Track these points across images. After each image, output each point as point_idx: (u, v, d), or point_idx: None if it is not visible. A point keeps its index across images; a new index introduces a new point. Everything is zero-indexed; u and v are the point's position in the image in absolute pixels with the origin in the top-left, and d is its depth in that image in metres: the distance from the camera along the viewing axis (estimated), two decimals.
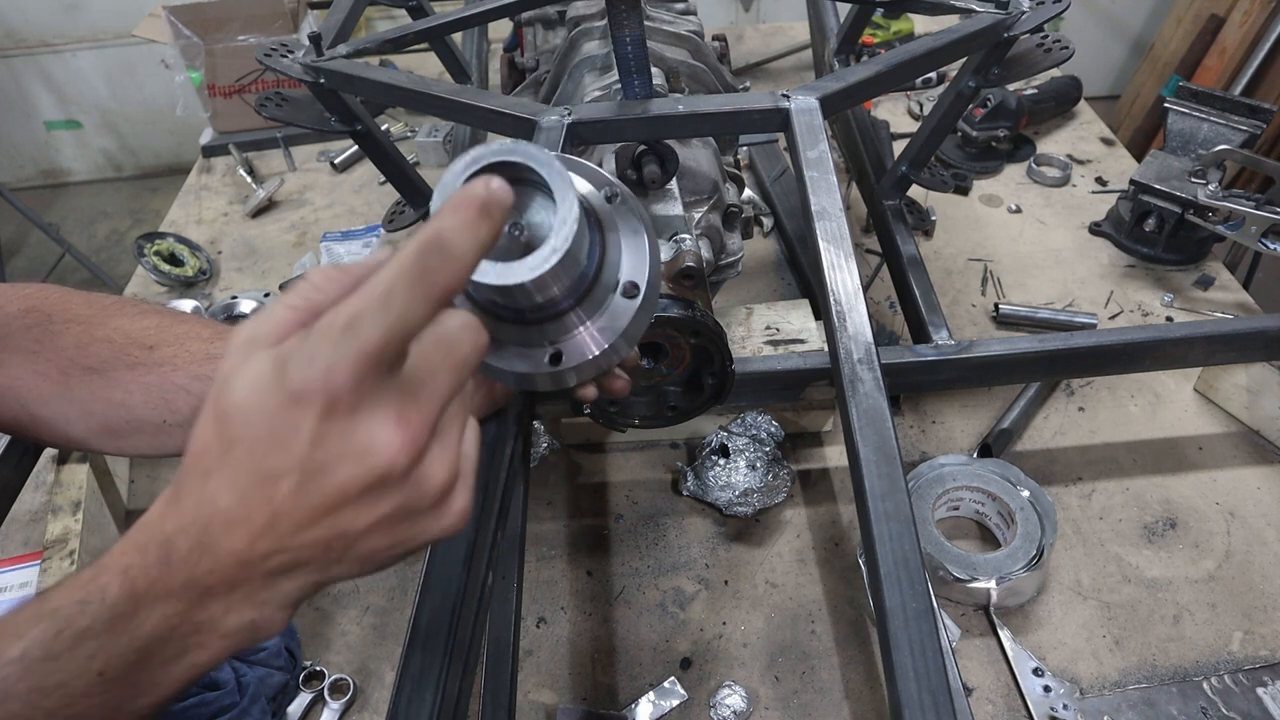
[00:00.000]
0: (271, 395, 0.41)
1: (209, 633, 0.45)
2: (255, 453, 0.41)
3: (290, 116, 1.18)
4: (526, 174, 0.51)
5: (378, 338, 0.41)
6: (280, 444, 0.41)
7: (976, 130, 1.67)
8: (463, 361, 0.45)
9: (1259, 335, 1.04)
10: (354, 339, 0.40)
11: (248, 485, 0.42)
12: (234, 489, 0.42)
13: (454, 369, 0.45)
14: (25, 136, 4.15)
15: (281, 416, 0.41)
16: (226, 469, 0.42)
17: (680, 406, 0.88)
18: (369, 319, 0.41)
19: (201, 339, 0.77)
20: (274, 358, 0.41)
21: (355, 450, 0.42)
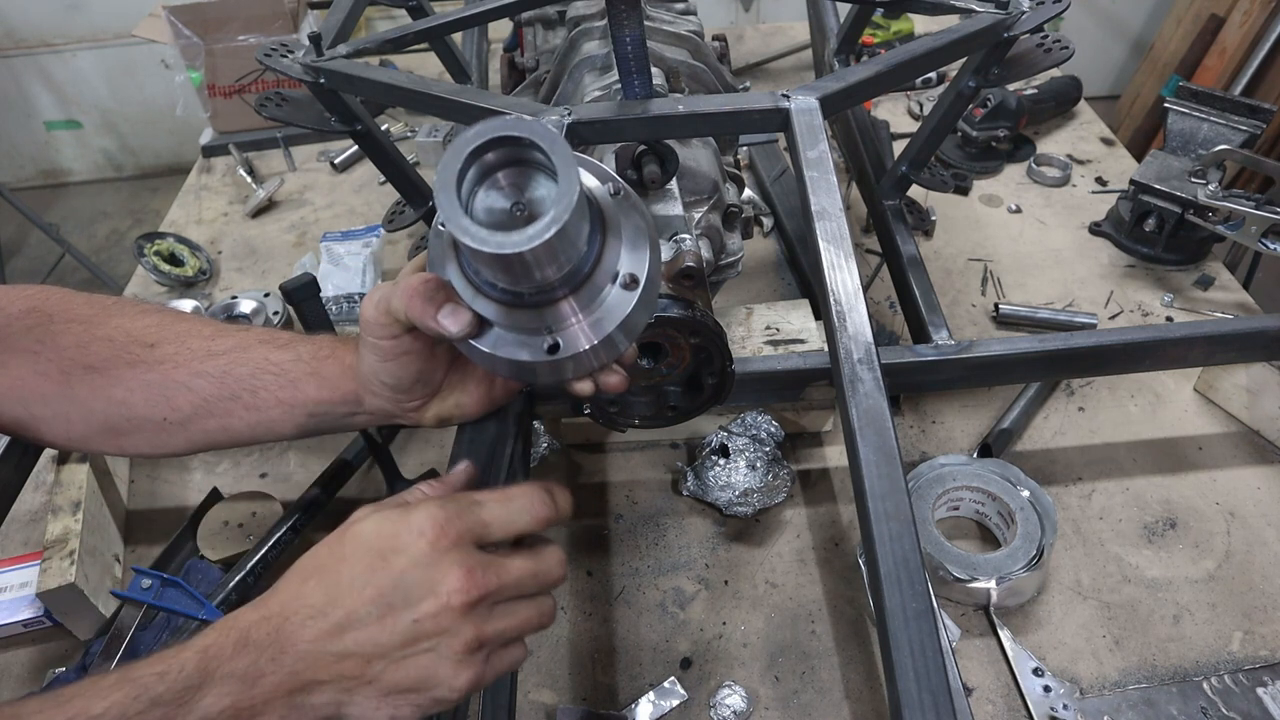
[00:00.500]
0: (395, 524, 0.56)
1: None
2: (360, 565, 0.54)
3: (290, 116, 1.18)
4: (531, 152, 0.51)
5: (494, 521, 0.59)
6: (383, 556, 0.55)
7: (976, 130, 1.67)
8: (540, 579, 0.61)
9: (1259, 335, 1.04)
10: (476, 512, 0.58)
11: (339, 592, 0.54)
12: (328, 593, 0.54)
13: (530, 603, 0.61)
14: (25, 136, 4.15)
15: (399, 539, 0.55)
16: (329, 578, 0.55)
17: (680, 406, 0.88)
18: (492, 507, 0.59)
19: (202, 337, 0.77)
20: (404, 511, 0.56)
21: (432, 580, 0.54)
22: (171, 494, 1.18)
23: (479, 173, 0.52)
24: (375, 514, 0.58)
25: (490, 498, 0.59)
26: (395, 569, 0.54)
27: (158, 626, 0.95)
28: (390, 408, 0.73)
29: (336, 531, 0.58)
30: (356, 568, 0.54)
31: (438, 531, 0.55)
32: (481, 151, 0.50)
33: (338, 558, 0.56)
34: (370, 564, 0.54)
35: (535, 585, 0.61)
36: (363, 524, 0.57)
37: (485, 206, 0.53)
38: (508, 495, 0.60)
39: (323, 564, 0.56)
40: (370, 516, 0.57)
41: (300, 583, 0.55)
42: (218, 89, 1.94)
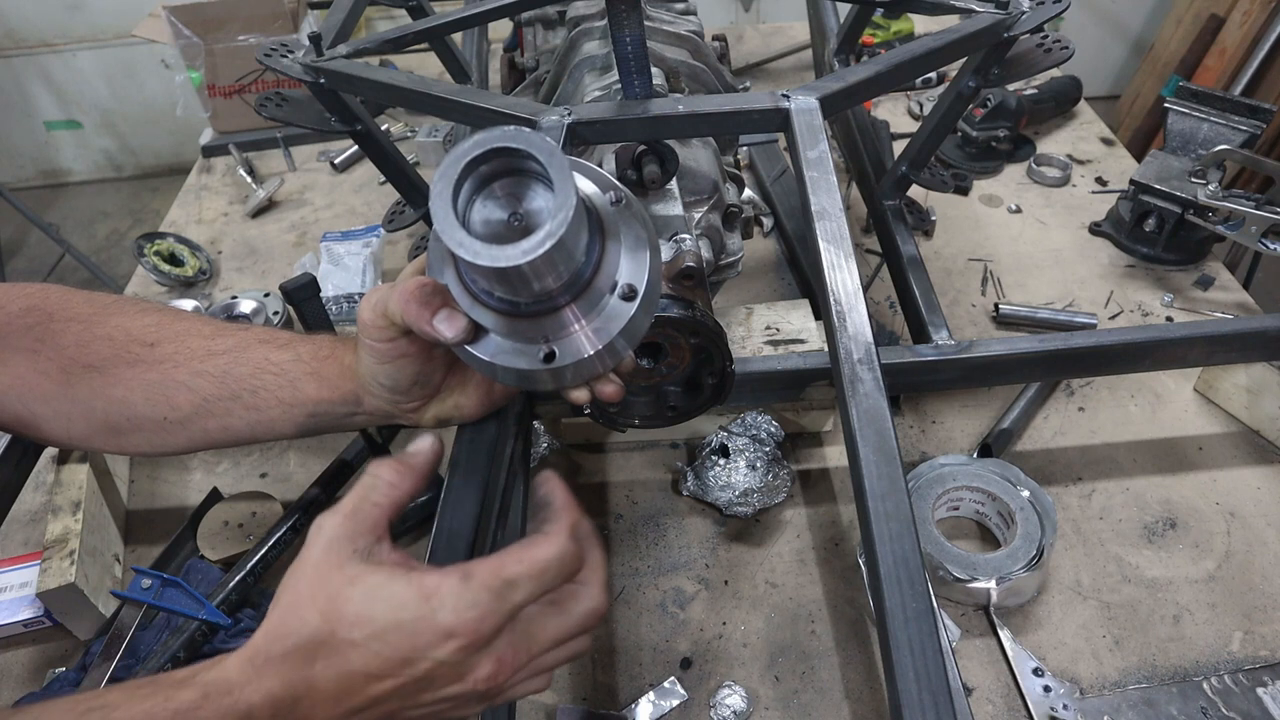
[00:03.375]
0: (419, 622, 0.50)
1: None
2: (378, 659, 0.50)
3: (290, 116, 1.17)
4: (527, 162, 0.51)
5: (526, 601, 0.53)
6: (409, 658, 0.50)
7: (976, 130, 1.67)
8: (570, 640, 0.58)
9: (1259, 335, 1.04)
10: (510, 599, 0.52)
11: (358, 679, 0.50)
12: (341, 677, 0.50)
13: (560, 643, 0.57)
14: (25, 136, 4.16)
15: (423, 641, 0.50)
16: (341, 660, 0.50)
17: (680, 406, 0.88)
18: (525, 586, 0.52)
19: (202, 336, 0.77)
20: (420, 592, 0.50)
21: (460, 674, 0.52)
22: (171, 494, 1.18)
23: (476, 183, 0.52)
24: (376, 586, 0.51)
25: (523, 574, 0.52)
26: (420, 670, 0.50)
27: (158, 626, 0.95)
28: (389, 408, 0.73)
29: (323, 597, 0.51)
30: (373, 663, 0.50)
31: (471, 636, 0.50)
32: (478, 163, 0.50)
33: (345, 643, 0.50)
34: (389, 663, 0.50)
35: (570, 637, 0.58)
36: (368, 606, 0.50)
37: (483, 218, 0.53)
38: (541, 569, 0.53)
39: (326, 641, 0.50)
40: (372, 593, 0.50)
41: (305, 664, 0.50)
42: (218, 89, 1.94)
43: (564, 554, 0.54)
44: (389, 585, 0.51)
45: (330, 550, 0.52)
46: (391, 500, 0.56)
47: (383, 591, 0.50)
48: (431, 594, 0.50)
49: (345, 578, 0.51)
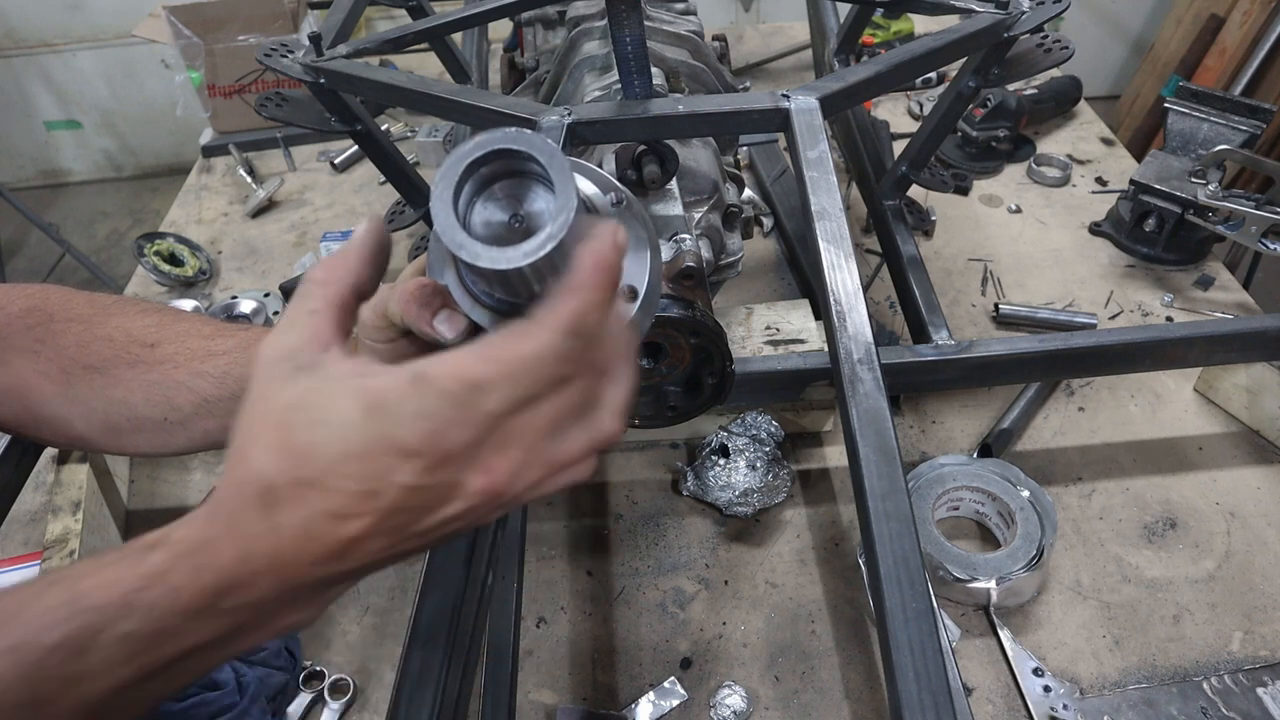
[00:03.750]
0: (370, 443, 0.40)
1: (254, 634, 0.45)
2: (338, 495, 0.41)
3: (290, 116, 1.18)
4: (528, 164, 0.51)
5: (502, 411, 0.41)
6: (371, 489, 0.41)
7: (976, 130, 1.67)
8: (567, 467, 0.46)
9: (1259, 335, 1.04)
10: (478, 406, 0.41)
11: (325, 523, 0.41)
12: (307, 524, 0.41)
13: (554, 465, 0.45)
14: (25, 136, 4.15)
15: (380, 465, 0.40)
16: (300, 504, 0.41)
17: (680, 406, 0.88)
18: (497, 392, 0.41)
19: (202, 336, 0.77)
20: (365, 404, 0.41)
21: (443, 495, 0.42)
22: (171, 494, 1.18)
23: (477, 185, 0.52)
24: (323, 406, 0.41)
25: (492, 377, 0.41)
26: (388, 501, 0.41)
27: None
28: None
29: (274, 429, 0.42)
30: (335, 500, 0.41)
31: (433, 452, 0.41)
32: (479, 164, 0.50)
33: (298, 483, 0.41)
34: (352, 497, 0.41)
35: (575, 460, 0.46)
36: (313, 433, 0.41)
37: (483, 219, 0.53)
38: (515, 371, 0.41)
39: (280, 485, 0.41)
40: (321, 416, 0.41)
41: (265, 511, 0.41)
42: (218, 89, 1.94)
43: (547, 352, 0.42)
44: (333, 403, 0.41)
45: (269, 376, 0.43)
46: (330, 300, 0.46)
47: (327, 413, 0.41)
48: (377, 405, 0.41)
49: (287, 402, 0.42)
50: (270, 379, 0.43)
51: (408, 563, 1.07)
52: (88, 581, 0.42)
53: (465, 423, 0.41)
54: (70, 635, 0.40)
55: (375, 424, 0.40)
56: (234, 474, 0.43)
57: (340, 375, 0.43)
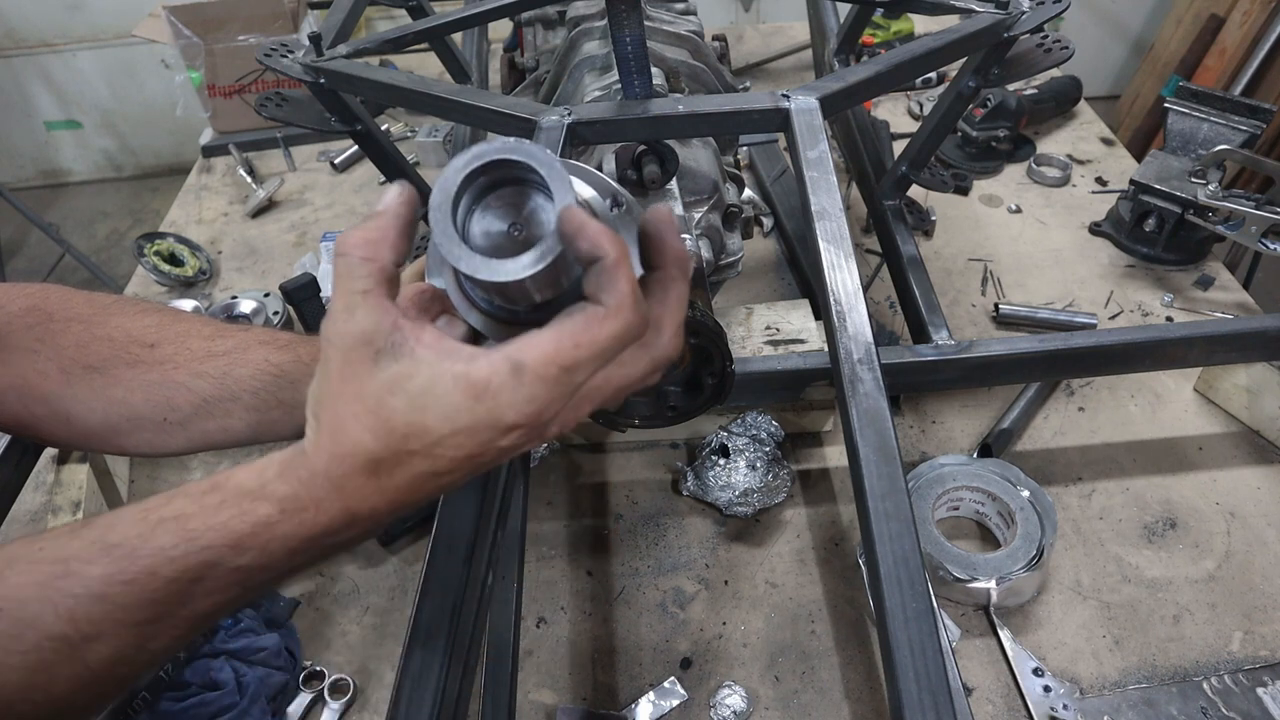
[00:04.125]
0: (478, 421, 0.46)
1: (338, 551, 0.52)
2: (443, 460, 0.47)
3: (290, 116, 1.18)
4: (527, 173, 0.51)
5: (588, 379, 0.48)
6: (473, 454, 0.47)
7: (976, 130, 1.67)
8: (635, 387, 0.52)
9: (1259, 335, 1.04)
10: (571, 382, 0.47)
11: (427, 480, 0.48)
12: (411, 482, 0.48)
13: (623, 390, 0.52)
14: (25, 136, 4.15)
15: (485, 438, 0.47)
16: (407, 468, 0.48)
17: (680, 406, 0.88)
18: (586, 367, 0.47)
19: (202, 337, 0.77)
20: (471, 392, 0.46)
21: (526, 443, 0.49)
22: None
23: (475, 194, 0.52)
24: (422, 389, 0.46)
25: (584, 359, 0.47)
26: (486, 459, 0.48)
27: None
28: None
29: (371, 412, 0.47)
30: (439, 464, 0.47)
31: (534, 423, 0.47)
32: (477, 174, 0.50)
33: (405, 454, 0.47)
34: (454, 461, 0.47)
35: (633, 383, 0.52)
36: (419, 415, 0.46)
37: (482, 229, 0.53)
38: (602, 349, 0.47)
39: (386, 459, 0.47)
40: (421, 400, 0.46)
41: (371, 478, 0.48)
42: (218, 89, 1.94)
43: (628, 329, 0.48)
44: (434, 388, 0.46)
45: (350, 363, 0.47)
46: (378, 277, 0.49)
47: (429, 398, 0.46)
48: (483, 392, 0.46)
49: (381, 386, 0.47)
50: (351, 363, 0.47)
51: (407, 561, 1.07)
52: (196, 523, 0.48)
53: (561, 399, 0.47)
54: (189, 568, 0.47)
55: (483, 408, 0.46)
56: (332, 448, 0.48)
57: (431, 359, 0.47)
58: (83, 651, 0.47)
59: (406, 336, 0.48)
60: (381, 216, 0.50)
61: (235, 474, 0.50)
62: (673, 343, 0.52)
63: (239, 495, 0.49)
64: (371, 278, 0.48)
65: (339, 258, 0.49)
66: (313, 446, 0.49)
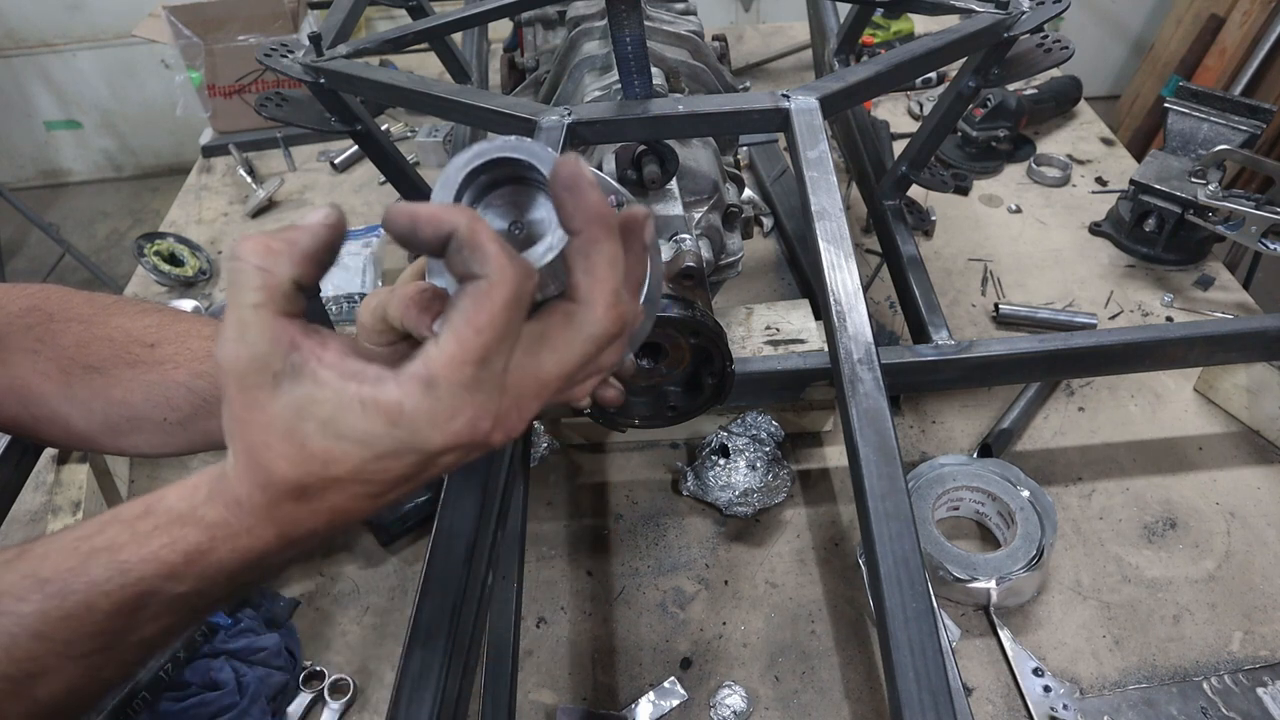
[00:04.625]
0: (402, 446, 0.43)
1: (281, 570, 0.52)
2: (376, 484, 0.44)
3: (290, 116, 1.17)
4: (527, 171, 0.51)
5: (508, 361, 0.44)
6: (409, 475, 0.45)
7: (976, 130, 1.67)
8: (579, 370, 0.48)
9: (1259, 335, 1.04)
10: (489, 378, 0.43)
11: (364, 500, 0.45)
12: (347, 502, 0.45)
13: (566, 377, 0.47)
14: (25, 136, 4.15)
15: (415, 461, 0.44)
16: (340, 491, 0.45)
17: (680, 406, 0.88)
18: (500, 351, 0.43)
19: (202, 336, 0.77)
20: (384, 418, 0.42)
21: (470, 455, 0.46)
22: None
23: (476, 193, 0.52)
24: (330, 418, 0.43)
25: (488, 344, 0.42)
26: (426, 475, 0.45)
27: None
28: None
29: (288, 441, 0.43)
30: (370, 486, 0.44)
31: (470, 436, 0.43)
32: (478, 173, 0.50)
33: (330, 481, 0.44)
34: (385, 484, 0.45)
35: (578, 366, 0.47)
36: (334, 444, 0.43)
37: None
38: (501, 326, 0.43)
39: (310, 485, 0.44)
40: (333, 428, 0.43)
41: (300, 502, 0.45)
42: (218, 89, 1.94)
43: (517, 285, 0.43)
44: (344, 414, 0.42)
45: (248, 389, 0.43)
46: (272, 291, 0.44)
47: (341, 425, 0.42)
48: (398, 416, 0.42)
49: (288, 413, 0.43)
50: (249, 389, 0.43)
51: (407, 561, 1.07)
52: (129, 553, 0.46)
53: (487, 399, 0.43)
54: (125, 600, 0.46)
55: (403, 432, 0.42)
56: (252, 477, 0.45)
57: (335, 382, 0.43)
58: (30, 689, 0.45)
59: (306, 357, 0.44)
60: (294, 229, 0.46)
61: (167, 495, 0.48)
62: (609, 314, 0.46)
63: (170, 521, 0.46)
64: (263, 290, 0.43)
65: (232, 261, 0.44)
66: (234, 473, 0.46)
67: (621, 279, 0.47)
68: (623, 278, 0.47)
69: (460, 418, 0.43)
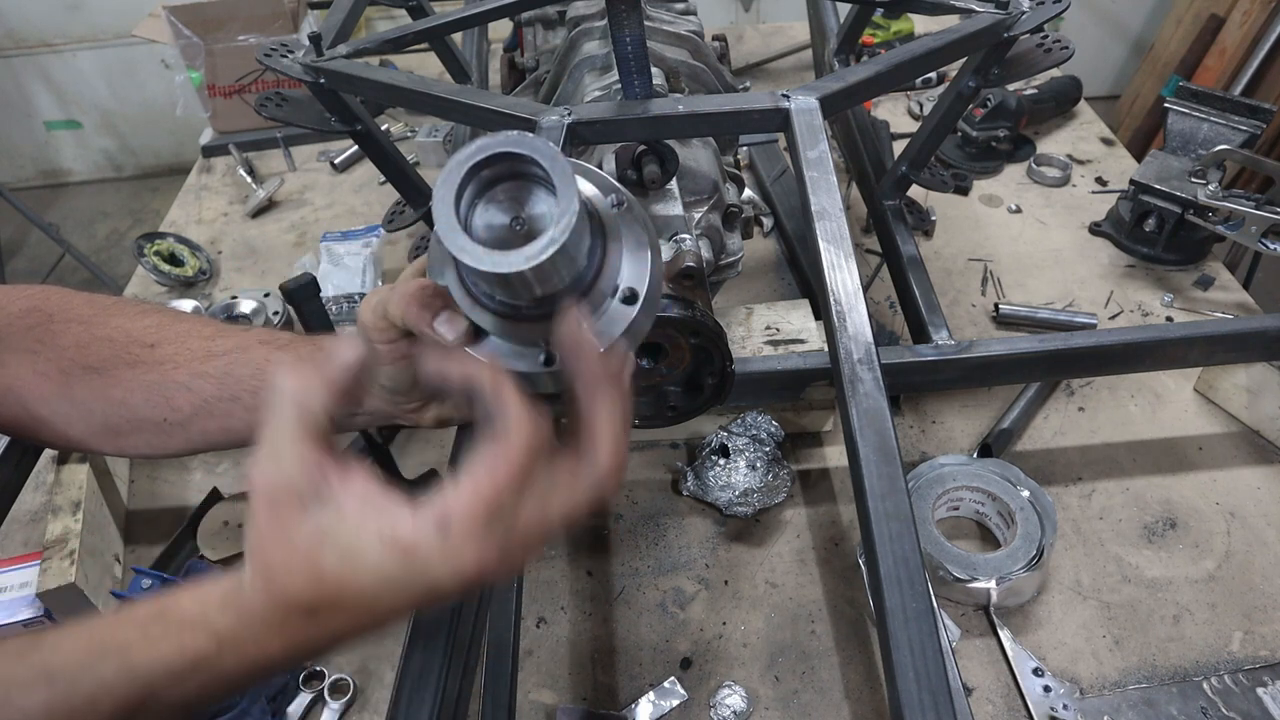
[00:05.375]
0: (412, 580, 0.47)
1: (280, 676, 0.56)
2: (383, 613, 0.49)
3: (290, 116, 1.17)
4: (530, 166, 0.51)
5: (518, 508, 0.48)
6: (415, 605, 0.49)
7: (976, 130, 1.67)
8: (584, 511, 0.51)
9: (1259, 335, 1.04)
10: (500, 526, 0.47)
11: (369, 624, 0.49)
12: (353, 625, 0.49)
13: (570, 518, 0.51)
14: (25, 136, 4.16)
15: (421, 594, 0.47)
16: (348, 614, 0.48)
17: (680, 406, 0.88)
18: (510, 502, 0.47)
19: (202, 337, 0.77)
20: (398, 553, 0.46)
21: (474, 590, 0.50)
22: (171, 494, 1.18)
23: (478, 187, 0.52)
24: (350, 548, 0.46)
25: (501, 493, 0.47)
26: (430, 604, 0.49)
27: None
28: (389, 409, 0.73)
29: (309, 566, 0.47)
30: (377, 615, 0.49)
31: (476, 575, 0.47)
32: (480, 167, 0.50)
33: (339, 607, 0.48)
34: (393, 611, 0.49)
35: (581, 507, 0.51)
36: (349, 571, 0.47)
37: (485, 222, 0.53)
38: (514, 479, 0.47)
39: (321, 606, 0.48)
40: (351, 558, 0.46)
41: (311, 622, 0.48)
42: (218, 89, 1.94)
43: (532, 441, 0.48)
44: (362, 546, 0.46)
45: (277, 511, 0.47)
46: (307, 425, 0.49)
47: (358, 556, 0.46)
48: (412, 553, 0.46)
49: (311, 537, 0.47)
50: (279, 511, 0.47)
51: None
52: (138, 654, 0.48)
53: (496, 546, 0.47)
54: (129, 699, 0.48)
55: (416, 569, 0.46)
56: (268, 592, 0.48)
57: (357, 515, 0.47)
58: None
59: (334, 488, 0.48)
60: (326, 365, 0.51)
61: (181, 599, 0.50)
62: (613, 459, 0.50)
63: (181, 626, 0.49)
64: (300, 422, 0.48)
65: (274, 393, 0.50)
66: (250, 587, 0.49)
67: (624, 427, 0.51)
68: (625, 425, 0.51)
69: (469, 560, 0.46)
